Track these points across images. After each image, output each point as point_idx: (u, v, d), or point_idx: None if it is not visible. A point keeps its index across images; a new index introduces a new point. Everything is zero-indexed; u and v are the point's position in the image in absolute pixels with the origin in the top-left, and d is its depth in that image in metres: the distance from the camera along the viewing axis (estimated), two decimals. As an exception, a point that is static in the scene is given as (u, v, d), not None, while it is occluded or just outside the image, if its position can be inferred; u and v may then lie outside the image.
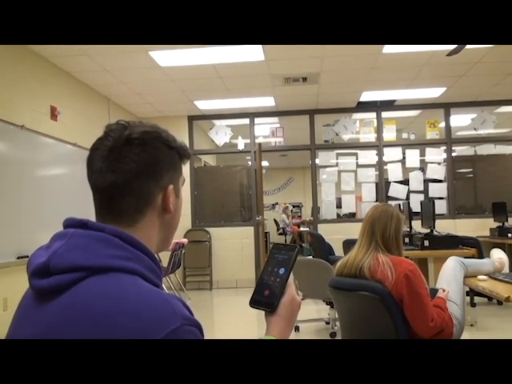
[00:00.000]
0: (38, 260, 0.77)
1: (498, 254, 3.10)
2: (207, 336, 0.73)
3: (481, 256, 4.78)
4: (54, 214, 5.09)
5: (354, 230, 3.76)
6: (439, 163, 7.80)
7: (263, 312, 0.96)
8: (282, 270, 0.98)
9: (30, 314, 0.78)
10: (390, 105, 7.79)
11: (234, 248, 7.63)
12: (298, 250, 1.02)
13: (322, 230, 7.61)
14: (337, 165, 7.95)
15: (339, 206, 8.02)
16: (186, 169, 5.99)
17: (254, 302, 0.97)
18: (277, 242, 1.07)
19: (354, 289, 2.35)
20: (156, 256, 0.86)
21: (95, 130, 5.87)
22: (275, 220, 14.74)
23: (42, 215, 4.97)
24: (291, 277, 0.98)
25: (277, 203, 15.62)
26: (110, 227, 0.80)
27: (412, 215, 5.63)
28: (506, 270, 2.99)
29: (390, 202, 7.44)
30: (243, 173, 8.37)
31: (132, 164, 0.82)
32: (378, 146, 7.85)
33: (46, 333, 0.72)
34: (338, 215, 8.33)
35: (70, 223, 0.82)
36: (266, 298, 0.96)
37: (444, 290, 2.52)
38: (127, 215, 0.84)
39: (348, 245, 5.71)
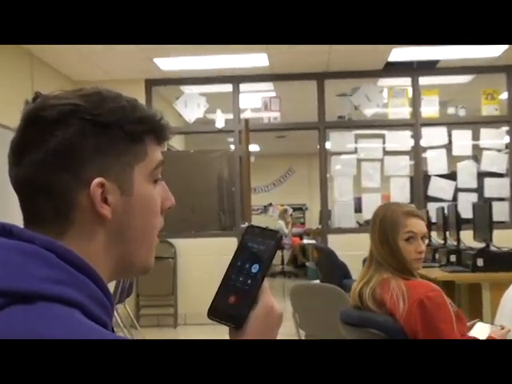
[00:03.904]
0: None
1: None
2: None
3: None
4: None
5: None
6: (499, 150, 7.86)
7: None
8: (255, 267, 0.95)
9: None
10: (430, 67, 7.83)
11: (209, 268, 7.60)
12: (280, 238, 0.98)
13: (334, 243, 7.64)
14: (355, 151, 7.98)
15: (359, 209, 8.05)
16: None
17: (214, 313, 0.94)
18: (251, 224, 1.04)
19: (361, 324, 2.43)
20: (105, 282, 0.86)
21: (11, 101, 5.78)
22: (268, 229, 14.77)
23: None
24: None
25: (271, 205, 15.64)
26: (43, 237, 0.80)
27: (460, 223, 5.65)
28: None
29: (430, 204, 7.48)
30: (223, 161, 8.36)
31: (34, 151, 0.83)
32: (414, 124, 7.88)
33: None
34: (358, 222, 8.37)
35: None
36: (230, 308, 0.93)
37: (503, 328, 2.53)
38: (48, 222, 0.85)
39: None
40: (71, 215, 0.84)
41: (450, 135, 7.86)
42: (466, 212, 6.45)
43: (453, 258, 5.24)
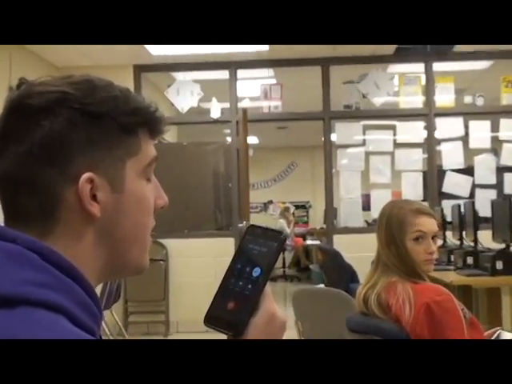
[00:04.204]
0: None
1: None
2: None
3: None
4: None
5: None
6: (520, 142, 7.86)
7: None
8: (256, 271, 0.95)
9: None
10: (445, 52, 7.82)
11: (203, 271, 7.61)
12: (283, 240, 0.98)
13: (341, 243, 7.65)
14: (364, 143, 7.98)
15: (367, 207, 8.05)
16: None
17: (211, 320, 0.95)
18: (252, 224, 1.04)
19: (367, 331, 2.44)
20: (93, 287, 0.86)
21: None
22: (268, 228, 14.79)
23: None
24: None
25: (271, 202, 15.65)
26: (26, 237, 0.81)
27: (478, 222, 5.66)
28: None
29: (445, 201, 7.48)
30: (219, 154, 8.36)
31: (18, 142, 0.83)
32: (428, 114, 7.89)
33: None
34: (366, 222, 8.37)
35: None
36: (229, 315, 0.94)
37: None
38: (32, 220, 0.84)
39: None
40: (57, 213, 0.85)
41: (466, 126, 7.87)
42: (485, 210, 6.45)
43: (470, 260, 5.23)
